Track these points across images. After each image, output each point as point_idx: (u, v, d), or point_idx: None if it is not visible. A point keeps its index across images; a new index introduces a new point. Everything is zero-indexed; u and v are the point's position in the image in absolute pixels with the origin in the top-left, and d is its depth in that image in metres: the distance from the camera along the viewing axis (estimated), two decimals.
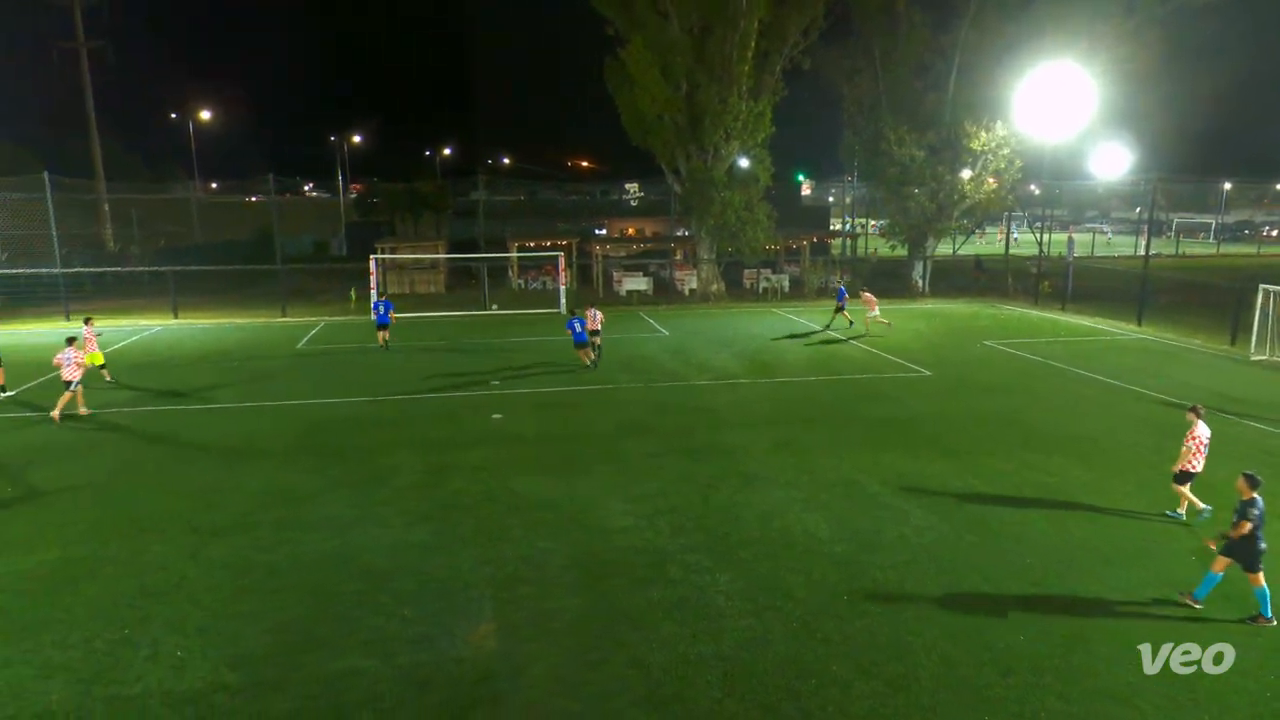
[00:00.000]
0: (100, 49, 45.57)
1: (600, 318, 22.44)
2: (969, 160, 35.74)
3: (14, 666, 7.96)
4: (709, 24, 33.62)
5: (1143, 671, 7.91)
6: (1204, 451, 11.19)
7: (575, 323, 21.16)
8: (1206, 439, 11.22)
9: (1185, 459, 11.21)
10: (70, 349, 17.02)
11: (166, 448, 14.94)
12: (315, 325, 29.39)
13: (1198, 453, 11.15)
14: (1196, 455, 11.15)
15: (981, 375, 21.14)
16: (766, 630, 8.69)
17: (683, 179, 36.74)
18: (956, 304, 35.55)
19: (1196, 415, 11.32)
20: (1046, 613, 9.03)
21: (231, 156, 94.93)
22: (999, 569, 10.07)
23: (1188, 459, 11.18)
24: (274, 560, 10.29)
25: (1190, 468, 11.20)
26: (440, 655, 8.23)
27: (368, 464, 13.95)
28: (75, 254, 37.85)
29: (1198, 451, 11.15)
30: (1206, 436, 11.23)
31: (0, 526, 11.29)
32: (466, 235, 50.16)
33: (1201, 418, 11.32)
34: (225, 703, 7.44)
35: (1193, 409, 11.48)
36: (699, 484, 13.00)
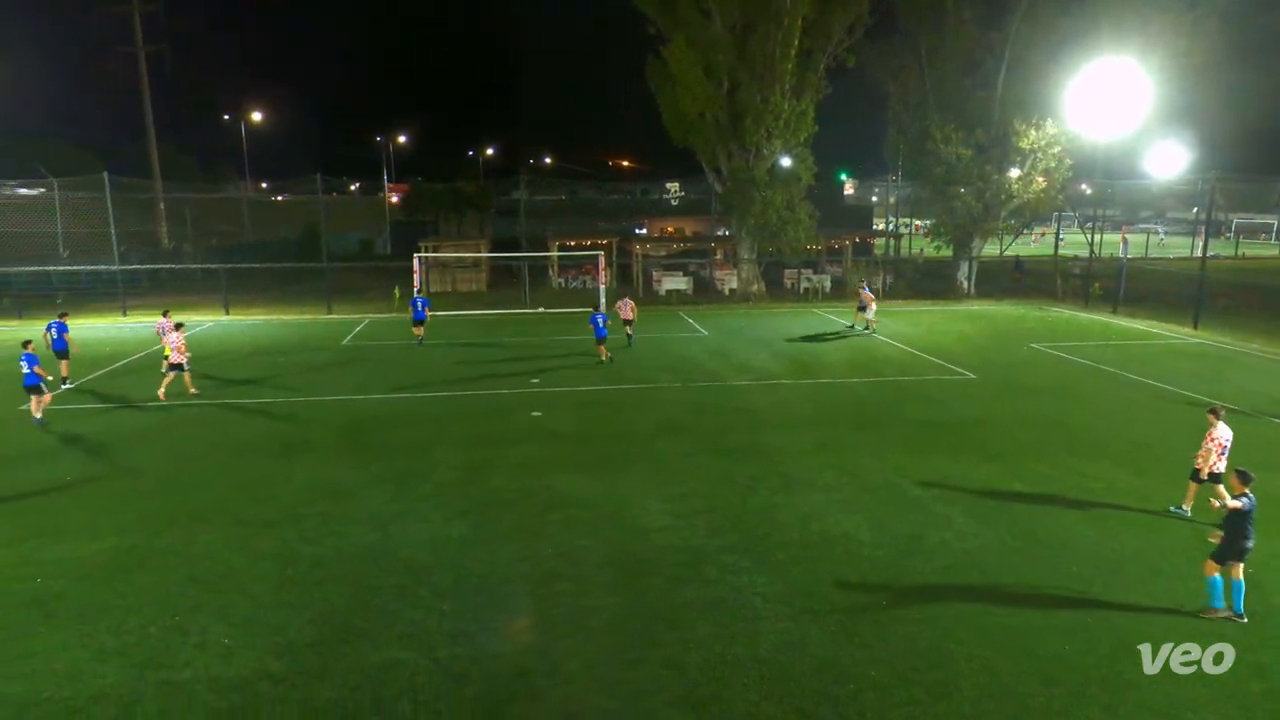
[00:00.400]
0: (158, 53, 46.91)
1: (632, 306, 24.80)
2: (1017, 159, 34.99)
3: (72, 650, 8.25)
4: (751, 22, 33.45)
5: (1199, 686, 7.67)
6: (1225, 454, 11.13)
7: (598, 318, 22.16)
8: (1227, 441, 11.16)
9: (1203, 460, 11.19)
10: (178, 335, 18.50)
11: (217, 440, 15.36)
12: (360, 322, 29.93)
13: (1218, 454, 11.10)
14: (1217, 457, 11.11)
15: (1027, 378, 20.68)
16: (804, 633, 8.62)
17: (724, 178, 36.62)
18: (1002, 306, 34.84)
19: (1216, 417, 11.32)
20: (1093, 622, 8.80)
21: (281, 157, 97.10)
22: (1043, 576, 9.85)
23: (1206, 460, 11.15)
24: (318, 552, 10.51)
25: (1210, 468, 11.11)
26: (478, 650, 8.33)
27: (410, 459, 14.17)
28: (132, 251, 39.12)
29: (1217, 453, 11.11)
30: (1227, 439, 11.16)
31: (61, 514, 11.72)
32: (508, 234, 50.66)
33: (1222, 419, 11.29)
34: (269, 691, 7.63)
35: (1212, 410, 11.53)
36: (737, 484, 12.95)
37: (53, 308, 32.13)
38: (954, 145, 34.71)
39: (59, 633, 8.57)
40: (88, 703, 7.42)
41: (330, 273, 34.76)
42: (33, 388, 16.00)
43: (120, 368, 21.84)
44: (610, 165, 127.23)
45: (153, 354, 23.72)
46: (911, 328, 28.79)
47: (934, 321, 30.35)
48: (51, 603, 9.20)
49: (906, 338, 26.63)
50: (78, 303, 33.51)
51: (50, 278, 34.09)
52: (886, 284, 38.23)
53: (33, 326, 27.49)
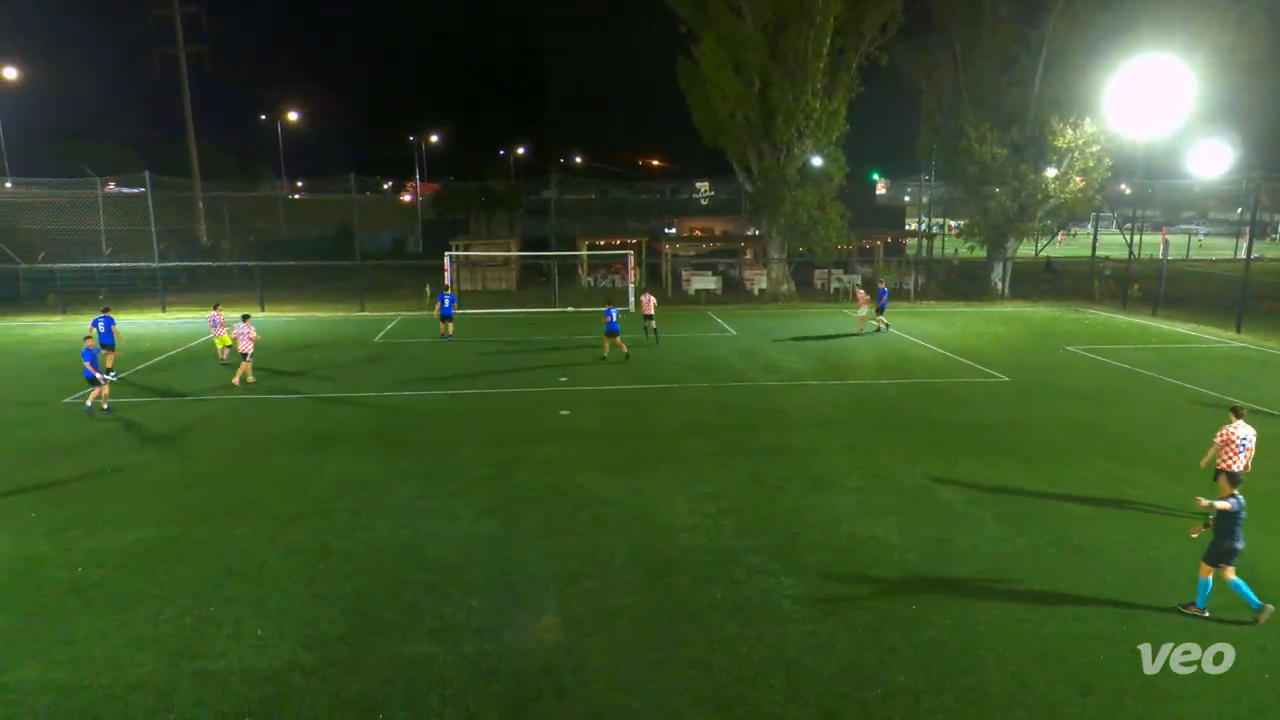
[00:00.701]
0: (198, 54, 47.88)
1: (654, 303, 25.42)
2: (1054, 158, 34.40)
3: (110, 639, 8.45)
4: (783, 20, 33.25)
5: (1243, 705, 7.49)
6: (1242, 452, 10.96)
7: (612, 311, 22.53)
8: (1241, 439, 10.98)
9: (1214, 455, 11.14)
10: (244, 324, 19.57)
11: (251, 434, 15.62)
12: (392, 320, 30.27)
13: (1230, 452, 10.96)
14: (1231, 455, 10.95)
15: (1063, 381, 20.32)
16: (831, 636, 8.55)
17: (754, 177, 36.46)
18: (1038, 307, 34.28)
19: (1237, 415, 11.22)
20: (1129, 631, 8.61)
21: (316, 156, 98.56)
22: (1078, 582, 9.66)
23: (1218, 457, 11.04)
24: (349, 546, 10.65)
25: (1224, 466, 10.82)
26: (505, 646, 8.38)
27: (439, 456, 14.30)
28: (172, 249, 39.95)
29: (1227, 450, 10.97)
30: (1241, 436, 10.99)
31: (101, 505, 12.00)
32: (538, 233, 50.91)
33: (1242, 418, 11.18)
34: (301, 682, 7.74)
35: (1234, 409, 11.40)
36: (765, 485, 12.88)
37: (95, 304, 32.95)
38: (989, 144, 34.21)
39: (98, 621, 8.78)
40: (126, 691, 7.58)
41: (363, 271, 35.21)
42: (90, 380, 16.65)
43: (160, 362, 22.31)
44: (640, 165, 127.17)
45: (190, 349, 24.24)
46: (944, 329, 28.44)
47: (967, 323, 29.96)
48: (91, 591, 9.42)
49: (938, 339, 26.30)
50: (119, 299, 34.26)
51: (93, 274, 34.92)
52: (919, 285, 37.76)
53: (76, 322, 28.22)
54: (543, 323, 29.75)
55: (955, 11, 35.32)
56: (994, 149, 34.23)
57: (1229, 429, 11.09)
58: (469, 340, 25.75)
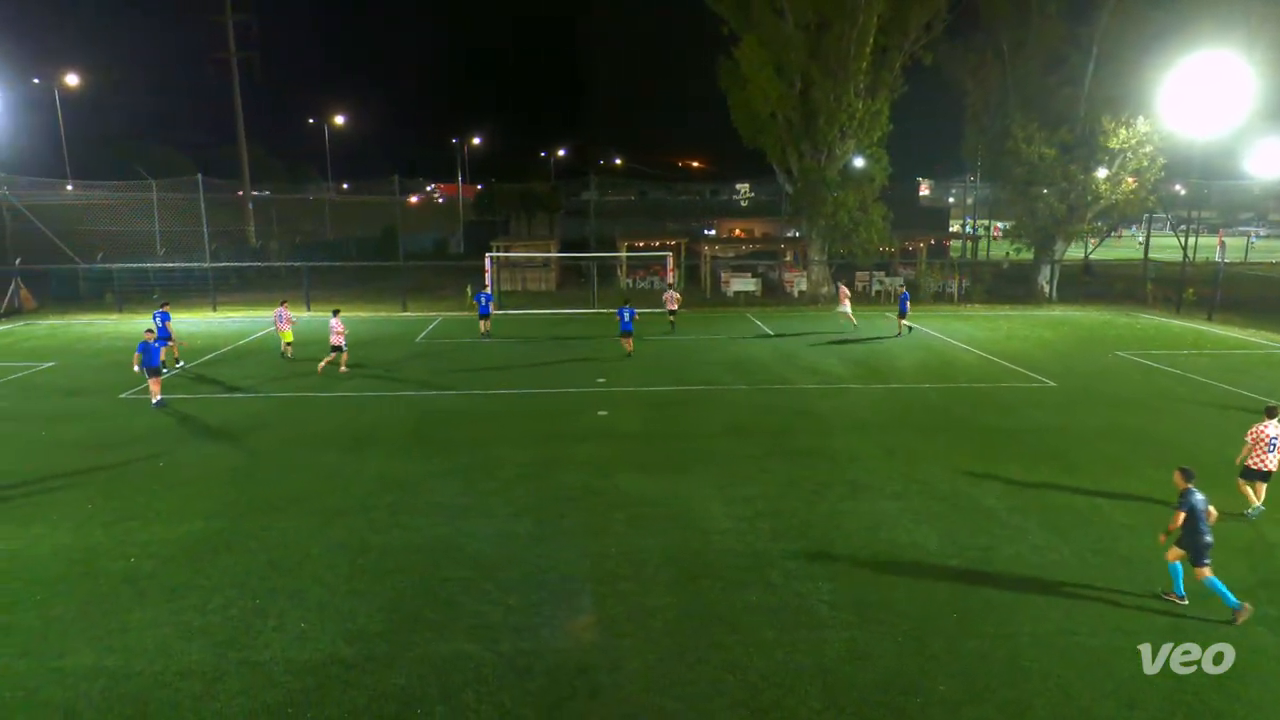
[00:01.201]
0: (248, 60, 49.08)
1: (677, 298, 27.51)
2: (1105, 159, 33.52)
3: (161, 627, 8.70)
4: (825, 20, 32.95)
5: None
6: (1273, 450, 11.22)
7: (624, 311, 22.84)
8: (1272, 438, 11.20)
9: (1246, 454, 11.42)
10: (336, 319, 21.04)
11: (296, 431, 15.96)
12: (433, 320, 30.67)
13: (1260, 450, 11.25)
14: (1261, 453, 11.24)
15: (1111, 388, 19.79)
16: (870, 644, 8.44)
17: (794, 179, 36.19)
18: (1087, 311, 33.45)
19: (1270, 415, 11.38)
20: (1180, 646, 8.34)
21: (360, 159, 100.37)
22: (1126, 596, 9.40)
23: (1249, 455, 11.36)
24: (388, 543, 10.82)
25: (1255, 465, 11.30)
26: (541, 644, 8.44)
27: (477, 454, 14.45)
28: (222, 249, 41.03)
29: (1259, 449, 11.25)
30: (1272, 435, 11.21)
31: (153, 497, 12.37)
32: (577, 235, 51.19)
33: (1276, 417, 11.34)
34: (341, 675, 7.88)
35: (1268, 409, 11.52)
36: (803, 489, 12.77)
37: (150, 303, 33.97)
38: (1036, 145, 33.47)
39: (150, 610, 9.05)
40: (175, 678, 7.80)
41: (405, 271, 35.76)
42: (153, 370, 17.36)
43: (210, 360, 22.91)
44: (680, 166, 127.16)
45: (239, 347, 24.85)
46: (988, 333, 27.91)
47: (1012, 327, 29.35)
48: (143, 581, 9.72)
49: (982, 343, 25.82)
50: (172, 298, 35.21)
51: (148, 274, 36.01)
52: (962, 288, 37.12)
53: (132, 320, 29.15)
54: (581, 324, 29.88)
55: (1002, 9, 34.61)
56: (1042, 149, 33.48)
57: (1260, 427, 11.29)
58: (508, 340, 25.98)
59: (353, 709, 7.37)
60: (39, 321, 30.06)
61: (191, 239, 37.36)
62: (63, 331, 27.96)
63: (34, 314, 31.79)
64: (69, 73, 59.78)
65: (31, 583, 9.67)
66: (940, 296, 36.96)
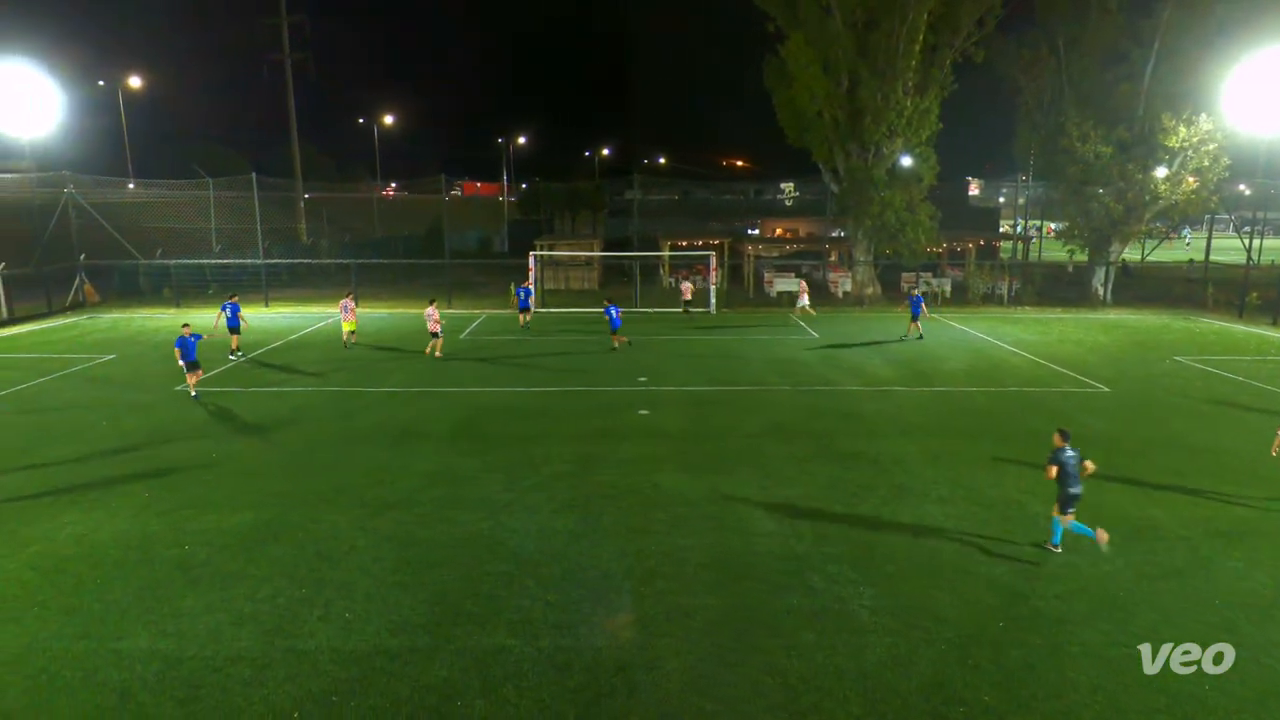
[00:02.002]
0: (302, 60, 50.19)
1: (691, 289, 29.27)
2: (1165, 157, 32.45)
3: (214, 613, 8.96)
4: (874, 17, 32.49)
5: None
6: None
7: (612, 309, 23.71)
8: None
9: None
10: (431, 308, 22.98)
11: (345, 425, 16.29)
12: (478, 317, 31.03)
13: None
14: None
15: (1169, 394, 19.18)
16: (912, 650, 8.31)
17: (840, 178, 35.78)
18: (1143, 315, 32.45)
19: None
20: (1237, 664, 8.07)
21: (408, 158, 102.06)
22: (1181, 610, 9.10)
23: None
24: (432, 536, 10.98)
25: None
26: (580, 641, 8.48)
27: (520, 451, 14.58)
28: (275, 246, 42.05)
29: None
30: None
31: (207, 488, 12.75)
32: (620, 234, 51.29)
33: None
34: (384, 665, 8.03)
35: None
36: (845, 492, 12.63)
37: (205, 298, 35.02)
38: (1092, 143, 32.55)
39: (202, 596, 9.33)
40: (225, 663, 8.03)
41: (450, 269, 36.24)
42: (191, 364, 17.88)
43: (262, 355, 23.50)
44: (724, 165, 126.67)
45: (290, 342, 25.45)
46: (1039, 336, 27.26)
47: (1064, 330, 28.62)
48: (196, 568, 10.02)
49: (1032, 346, 25.22)
50: (227, 293, 36.27)
51: (204, 270, 37.09)
52: (1012, 290, 36.30)
53: (189, 314, 30.07)
54: (624, 322, 29.87)
55: (1059, 4, 33.72)
56: (1098, 147, 32.55)
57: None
58: (550, 338, 26.16)
59: (395, 699, 7.50)
60: (101, 315, 31.19)
61: (246, 236, 38.39)
62: (124, 325, 28.96)
63: (97, 308, 33.00)
64: (132, 75, 61.85)
65: (93, 567, 10.05)
66: (989, 298, 36.20)
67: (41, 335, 26.83)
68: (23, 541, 10.74)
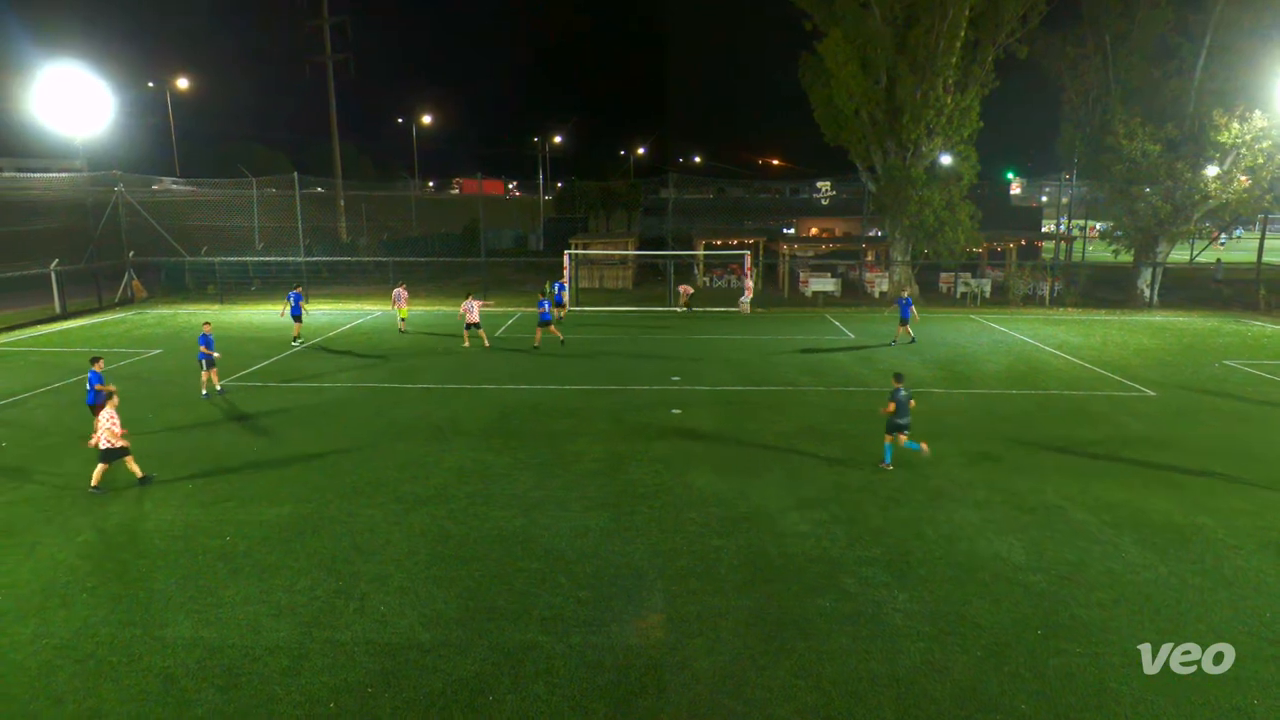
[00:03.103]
0: (343, 62, 50.99)
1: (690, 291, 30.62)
2: (1216, 155, 31.52)
3: (253, 605, 9.16)
4: (914, 13, 32.03)
5: None
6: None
7: (544, 303, 24.24)
8: None
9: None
10: (471, 300, 24.08)
11: (382, 421, 16.52)
12: (513, 315, 31.25)
13: None
14: None
15: (1217, 399, 18.64)
16: (947, 656, 8.19)
17: (878, 176, 35.35)
18: (1192, 317, 31.58)
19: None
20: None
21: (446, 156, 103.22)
22: (1231, 622, 8.84)
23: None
24: (465, 532, 11.09)
25: None
26: (611, 639, 8.50)
27: (553, 449, 14.66)
28: (316, 244, 42.80)
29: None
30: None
31: (248, 481, 13.02)
32: (655, 232, 51.25)
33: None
34: (418, 659, 8.13)
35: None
36: (879, 495, 12.49)
37: (248, 294, 35.77)
38: (1139, 140, 31.72)
39: (243, 587, 9.53)
40: (264, 653, 8.20)
41: (486, 267, 36.55)
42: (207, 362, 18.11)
43: (302, 350, 23.92)
44: (759, 164, 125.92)
45: (330, 339, 25.87)
46: (1082, 338, 26.67)
47: (1108, 332, 27.97)
48: (237, 559, 10.24)
49: (1075, 348, 24.69)
50: (268, 290, 37.05)
51: (247, 268, 37.88)
52: (1054, 291, 35.56)
53: (233, 310, 30.77)
54: (657, 322, 29.94)
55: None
56: (1145, 145, 31.72)
57: None
58: (583, 337, 26.24)
59: (429, 693, 7.59)
60: (149, 311, 32.03)
61: (287, 234, 39.11)
62: (169, 320, 29.70)
63: (144, 303, 33.90)
64: (179, 76, 63.37)
65: (139, 555, 10.33)
66: (1030, 299, 35.52)
67: (92, 330, 27.64)
68: (74, 530, 11.08)
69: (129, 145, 51.60)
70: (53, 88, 35.06)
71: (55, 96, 35.02)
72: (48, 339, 25.84)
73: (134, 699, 7.49)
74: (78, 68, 35.33)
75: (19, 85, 44.84)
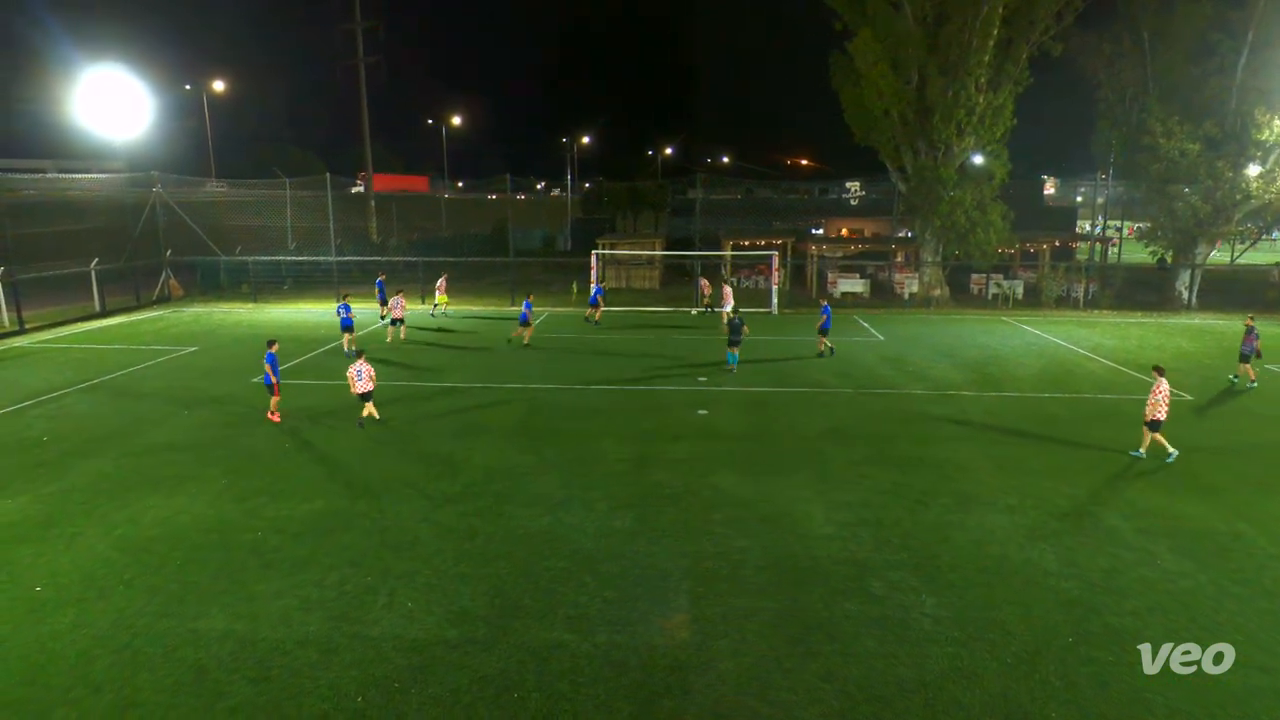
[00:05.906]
0: (375, 64, 51.53)
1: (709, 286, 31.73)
2: (1258, 154, 30.76)
3: (284, 598, 9.30)
4: (945, 11, 31.64)
5: None
6: (1166, 403, 13.89)
7: (528, 304, 25.37)
8: (1166, 392, 13.88)
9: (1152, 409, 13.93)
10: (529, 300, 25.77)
11: (412, 420, 16.68)
12: (540, 315, 31.37)
13: (1162, 404, 13.84)
14: (1160, 406, 13.84)
15: (1258, 403, 18.19)
16: (976, 662, 8.09)
17: (908, 177, 34.98)
18: (1231, 320, 30.81)
19: (1159, 374, 14.15)
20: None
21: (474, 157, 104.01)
22: (1271, 632, 8.63)
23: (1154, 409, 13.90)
24: (492, 530, 11.17)
25: (1158, 417, 13.90)
26: (636, 639, 8.51)
27: (579, 448, 14.71)
28: (347, 244, 43.32)
29: (1162, 403, 13.84)
30: (1166, 390, 13.89)
31: (281, 476, 13.23)
32: (683, 233, 51.18)
33: (1163, 375, 14.07)
34: (444, 655, 8.20)
35: (1156, 368, 14.42)
36: (907, 498, 12.36)
37: (280, 293, 36.33)
38: (1177, 139, 31.06)
39: (274, 581, 9.69)
40: (294, 646, 8.33)
41: (515, 267, 36.75)
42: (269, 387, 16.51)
43: (332, 349, 24.24)
44: (788, 164, 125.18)
45: (360, 337, 26.16)
46: (1117, 341, 26.18)
47: (1145, 335, 27.42)
48: (269, 554, 10.41)
49: (1110, 351, 24.24)
50: (300, 289, 37.60)
51: (280, 267, 38.44)
52: (1089, 293, 34.93)
53: (266, 309, 31.25)
54: (684, 322, 29.90)
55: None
56: (1184, 144, 31.05)
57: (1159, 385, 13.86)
58: (611, 337, 26.29)
59: (455, 689, 7.66)
60: (185, 309, 32.65)
61: (319, 234, 39.64)
62: (205, 318, 30.26)
63: (181, 301, 34.57)
64: (216, 79, 64.53)
65: (174, 549, 10.54)
66: (1064, 301, 34.93)
67: (131, 327, 28.24)
68: (112, 524, 11.34)
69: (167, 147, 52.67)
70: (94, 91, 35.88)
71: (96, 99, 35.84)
72: (87, 336, 26.46)
73: (168, 689, 7.65)
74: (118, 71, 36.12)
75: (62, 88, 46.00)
